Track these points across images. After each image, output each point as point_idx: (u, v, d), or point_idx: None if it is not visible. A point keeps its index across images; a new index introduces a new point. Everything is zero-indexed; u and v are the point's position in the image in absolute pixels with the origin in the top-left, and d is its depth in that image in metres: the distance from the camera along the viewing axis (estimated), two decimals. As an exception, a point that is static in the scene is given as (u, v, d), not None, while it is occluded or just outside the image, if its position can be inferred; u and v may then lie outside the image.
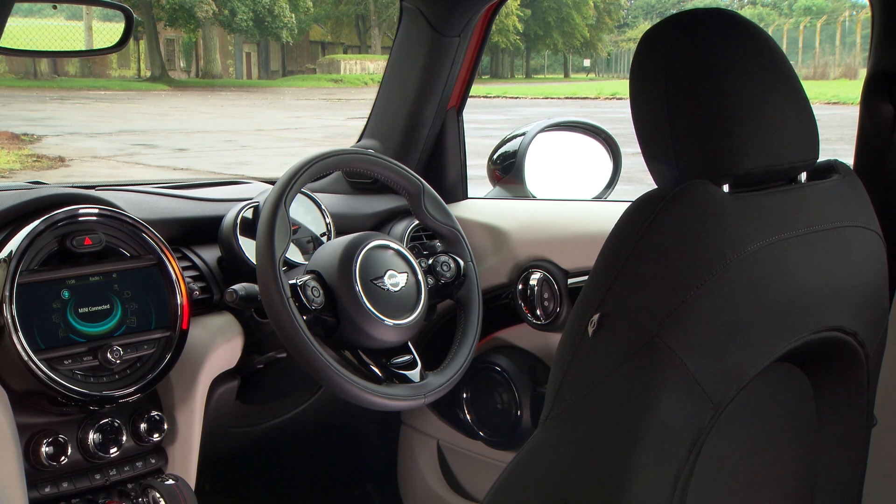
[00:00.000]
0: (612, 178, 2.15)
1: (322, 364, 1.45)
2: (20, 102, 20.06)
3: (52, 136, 13.47)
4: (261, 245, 1.48)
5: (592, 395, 1.09)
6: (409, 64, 2.04)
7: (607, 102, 21.10)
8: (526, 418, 1.87)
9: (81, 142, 13.05)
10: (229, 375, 1.67)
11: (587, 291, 1.13)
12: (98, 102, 21.24)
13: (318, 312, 1.52)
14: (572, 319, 1.14)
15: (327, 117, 17.87)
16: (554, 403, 1.14)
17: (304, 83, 31.35)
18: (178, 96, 24.62)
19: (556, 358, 1.15)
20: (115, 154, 11.73)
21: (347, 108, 20.33)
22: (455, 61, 2.02)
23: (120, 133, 14.17)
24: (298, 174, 1.54)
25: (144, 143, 12.97)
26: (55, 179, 6.20)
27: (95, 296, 1.47)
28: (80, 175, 10.11)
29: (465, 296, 1.71)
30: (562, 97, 23.69)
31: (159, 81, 28.70)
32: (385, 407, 1.53)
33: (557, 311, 1.82)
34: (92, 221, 1.49)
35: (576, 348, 1.11)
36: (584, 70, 42.26)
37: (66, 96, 22.66)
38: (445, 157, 2.12)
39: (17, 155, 11.41)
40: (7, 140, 12.73)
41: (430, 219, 1.71)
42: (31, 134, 13.44)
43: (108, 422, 1.49)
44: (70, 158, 11.28)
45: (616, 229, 1.11)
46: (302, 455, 2.29)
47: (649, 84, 1.11)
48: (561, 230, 1.88)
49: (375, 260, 1.59)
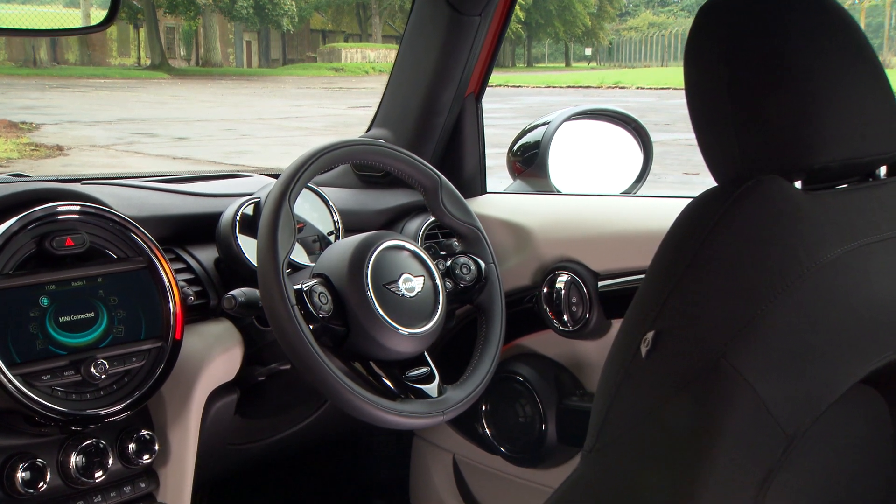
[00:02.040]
0: (643, 171, 2.02)
1: (330, 378, 1.33)
2: (19, 90, 20.29)
3: (51, 124, 13.49)
4: (262, 245, 1.36)
5: (646, 425, 0.97)
6: (425, 45, 1.90)
7: (610, 91, 21.21)
8: (551, 433, 1.75)
9: (80, 130, 13.08)
10: (227, 388, 1.56)
11: (639, 305, 1.01)
12: (97, 90, 21.45)
13: (325, 321, 1.40)
14: (621, 338, 1.02)
15: (329, 106, 18.00)
16: (599, 434, 1.01)
17: (304, 72, 31.69)
18: (177, 84, 24.87)
19: (602, 381, 1.03)
20: (114, 143, 11.74)
21: (349, 96, 20.60)
22: (475, 43, 1.88)
23: (119, 121, 14.22)
24: (304, 167, 1.42)
25: (144, 131, 12.98)
26: (53, 168, 6.11)
27: (78, 303, 1.35)
28: (79, 164, 10.09)
29: (487, 301, 1.60)
30: (564, 86, 23.88)
31: (159, 69, 28.95)
32: (399, 425, 1.42)
33: (587, 317, 1.71)
34: (73, 220, 1.37)
35: (626, 371, 0.99)
36: (585, 59, 42.51)
37: (66, 84, 22.91)
38: (463, 148, 1.99)
39: (14, 143, 11.37)
40: (5, 128, 12.72)
41: (448, 216, 1.59)
42: (30, 122, 13.45)
43: (92, 443, 1.37)
44: (68, 147, 11.25)
45: (673, 233, 1.00)
46: (306, 471, 2.18)
47: (707, 65, 0.99)
48: (590, 228, 1.75)
49: (389, 262, 1.47)
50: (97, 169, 9.61)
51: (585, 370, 1.78)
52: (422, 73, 1.91)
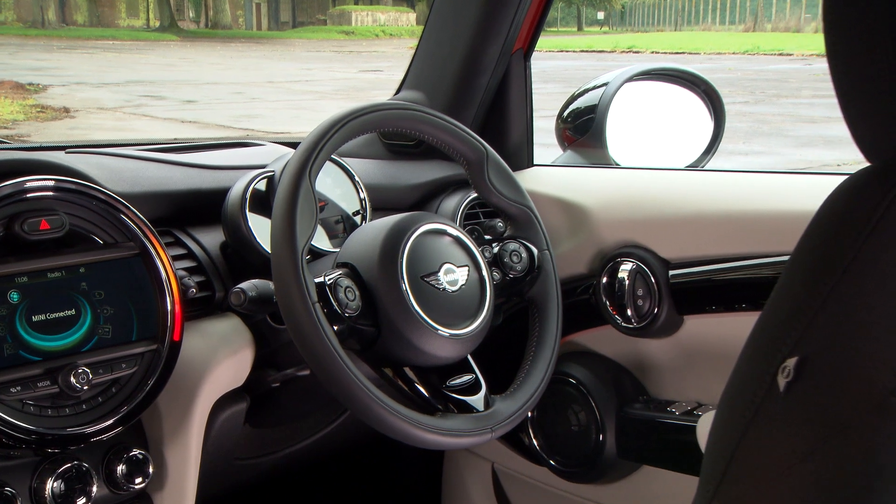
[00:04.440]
0: (713, 142, 1.79)
1: (358, 391, 1.14)
2: (27, 51, 20.70)
3: (58, 85, 13.51)
4: (278, 230, 1.15)
5: (786, 479, 0.76)
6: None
7: (624, 56, 21.13)
8: (610, 444, 1.55)
9: (88, 92, 13.11)
10: (235, 396, 1.37)
11: (772, 324, 0.81)
12: (106, 52, 21.80)
13: (352, 320, 1.19)
14: (748, 365, 0.82)
15: (339, 69, 18.19)
16: (719, 486, 0.80)
17: (314, 35, 32.17)
18: (187, 47, 25.33)
19: (723, 419, 0.83)
20: (121, 105, 11.75)
21: (359, 60, 20.92)
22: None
23: (127, 84, 14.32)
24: (328, 135, 1.20)
25: (152, 94, 13.00)
26: (59, 131, 5.94)
27: (55, 298, 1.17)
28: (86, 127, 10.17)
29: (541, 294, 1.40)
30: (577, 50, 23.78)
31: (168, 32, 29.35)
32: (440, 446, 1.22)
33: (654, 312, 1.49)
34: (48, 198, 1.16)
35: (756, 408, 0.79)
36: (597, 23, 42.36)
37: (74, 45, 23.47)
38: (508, 113, 1.75)
39: (20, 105, 11.35)
40: (11, 89, 12.73)
41: (494, 194, 1.38)
42: (37, 84, 13.47)
43: (73, 466, 1.18)
44: (75, 109, 11.22)
45: (818, 228, 0.80)
46: (324, 484, 1.98)
47: (862, 24, 0.77)
48: (659, 208, 1.52)
49: (428, 250, 1.26)
50: (104, 132, 9.59)
51: (650, 372, 1.56)
52: (462, 25, 1.66)
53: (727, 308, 1.42)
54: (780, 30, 29.22)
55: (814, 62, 17.35)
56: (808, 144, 8.09)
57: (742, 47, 21.94)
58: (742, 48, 21.84)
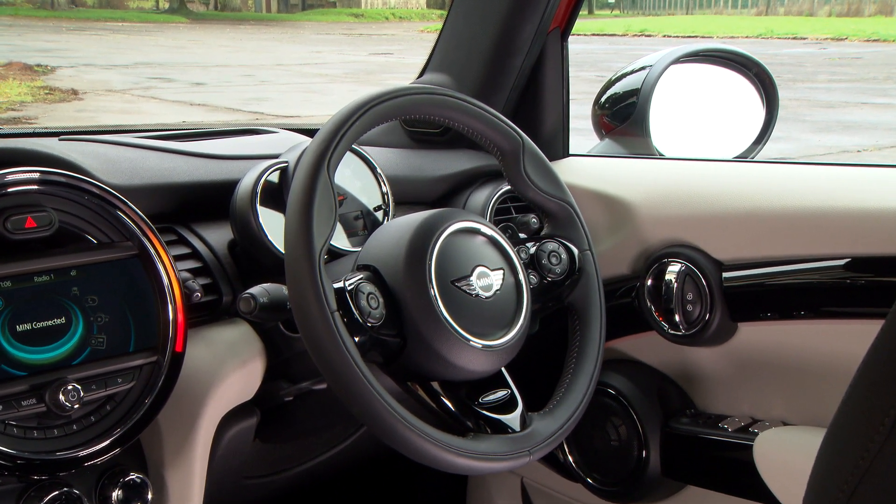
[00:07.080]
0: (765, 130, 1.66)
1: (382, 411, 1.03)
2: (36, 32, 20.91)
3: (67, 67, 13.48)
4: (293, 229, 1.04)
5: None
6: None
7: (636, 39, 21.03)
8: (653, 462, 1.44)
9: (96, 74, 13.08)
10: (244, 411, 1.28)
11: (890, 349, 0.66)
12: (115, 34, 21.89)
13: (375, 331, 1.08)
14: (860, 399, 0.69)
15: (349, 52, 18.17)
16: None
17: (323, 17, 32.43)
18: (196, 29, 25.47)
19: (832, 459, 0.72)
20: (130, 87, 11.71)
21: (369, 43, 20.93)
22: None
23: (136, 66, 14.31)
24: (348, 123, 1.09)
25: (161, 76, 12.98)
26: (67, 114, 5.86)
27: (43, 305, 1.07)
28: (94, 109, 10.16)
29: (582, 299, 1.28)
30: (588, 34, 23.70)
31: (177, 13, 29.64)
32: (474, 471, 1.11)
33: (706, 319, 1.37)
34: (34, 192, 1.06)
35: (875, 450, 0.67)
36: (608, 6, 42.29)
37: (83, 27, 23.67)
38: (543, 98, 1.63)
39: (28, 87, 11.29)
40: (20, 71, 12.71)
41: (531, 188, 1.26)
42: (45, 65, 13.43)
43: (62, 493, 1.08)
44: (84, 91, 11.17)
45: None
46: (341, 501, 1.84)
47: None
48: (710, 204, 1.40)
49: (459, 251, 1.15)
50: (112, 115, 9.54)
51: (698, 384, 1.44)
52: (494, 1, 1.53)
53: (785, 315, 1.30)
54: (794, 13, 29.10)
55: (828, 46, 17.20)
56: (826, 129, 7.97)
57: (755, 31, 21.80)
58: (755, 32, 21.69)
